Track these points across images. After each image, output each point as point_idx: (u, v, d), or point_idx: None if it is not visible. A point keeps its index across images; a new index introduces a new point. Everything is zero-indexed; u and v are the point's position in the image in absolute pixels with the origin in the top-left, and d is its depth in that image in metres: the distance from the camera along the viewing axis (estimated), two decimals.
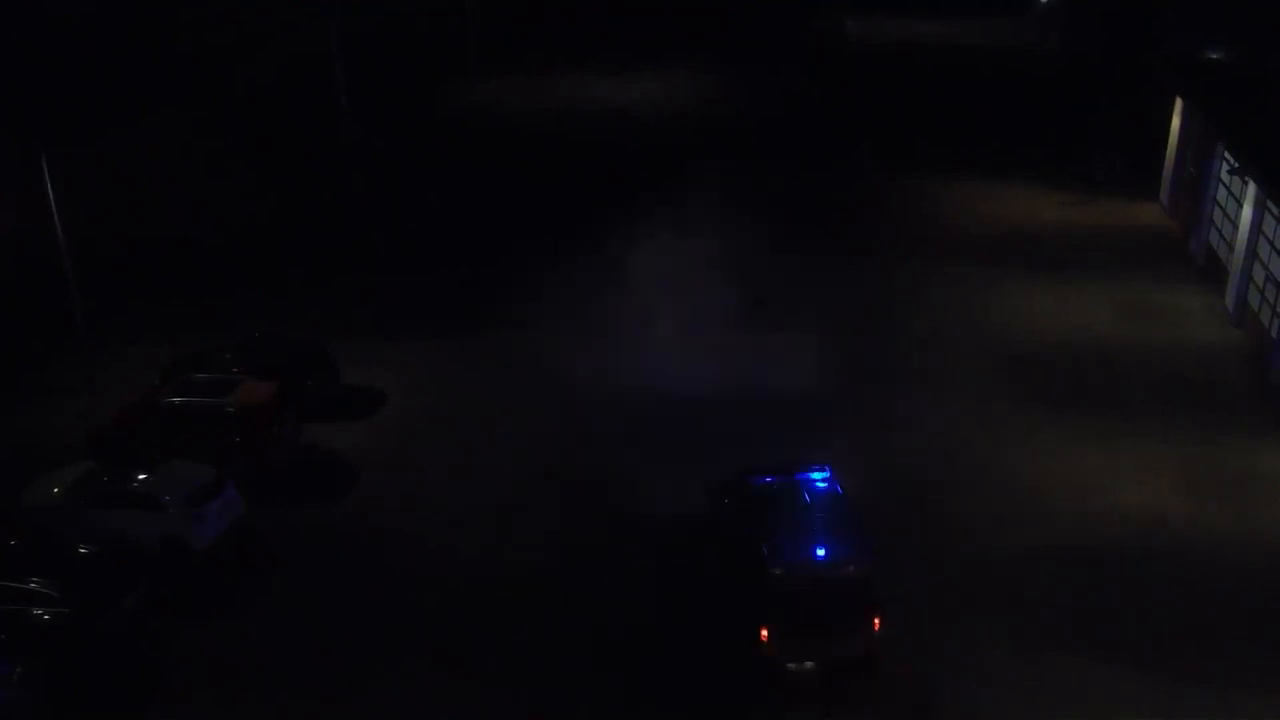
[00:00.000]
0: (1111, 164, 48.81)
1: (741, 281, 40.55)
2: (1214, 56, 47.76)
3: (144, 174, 49.51)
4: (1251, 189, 36.89)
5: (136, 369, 35.20)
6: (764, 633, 23.03)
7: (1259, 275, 36.44)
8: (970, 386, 34.35)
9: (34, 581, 24.72)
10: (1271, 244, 35.73)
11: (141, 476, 27.96)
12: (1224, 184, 40.06)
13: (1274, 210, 35.74)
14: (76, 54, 55.53)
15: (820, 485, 25.37)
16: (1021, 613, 25.50)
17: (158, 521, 27.28)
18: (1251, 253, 36.93)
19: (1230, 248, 38.82)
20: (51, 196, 32.42)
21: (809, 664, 23.36)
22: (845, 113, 56.46)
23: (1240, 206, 37.95)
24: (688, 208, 46.31)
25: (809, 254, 42.69)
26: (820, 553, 23.07)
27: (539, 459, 31.41)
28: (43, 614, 24.51)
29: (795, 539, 23.42)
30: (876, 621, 23.19)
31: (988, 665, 23.97)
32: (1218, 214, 40.66)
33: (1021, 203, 46.91)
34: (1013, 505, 29.16)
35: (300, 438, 31.89)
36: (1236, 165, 37.86)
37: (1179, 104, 45.20)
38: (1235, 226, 38.46)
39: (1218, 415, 32.70)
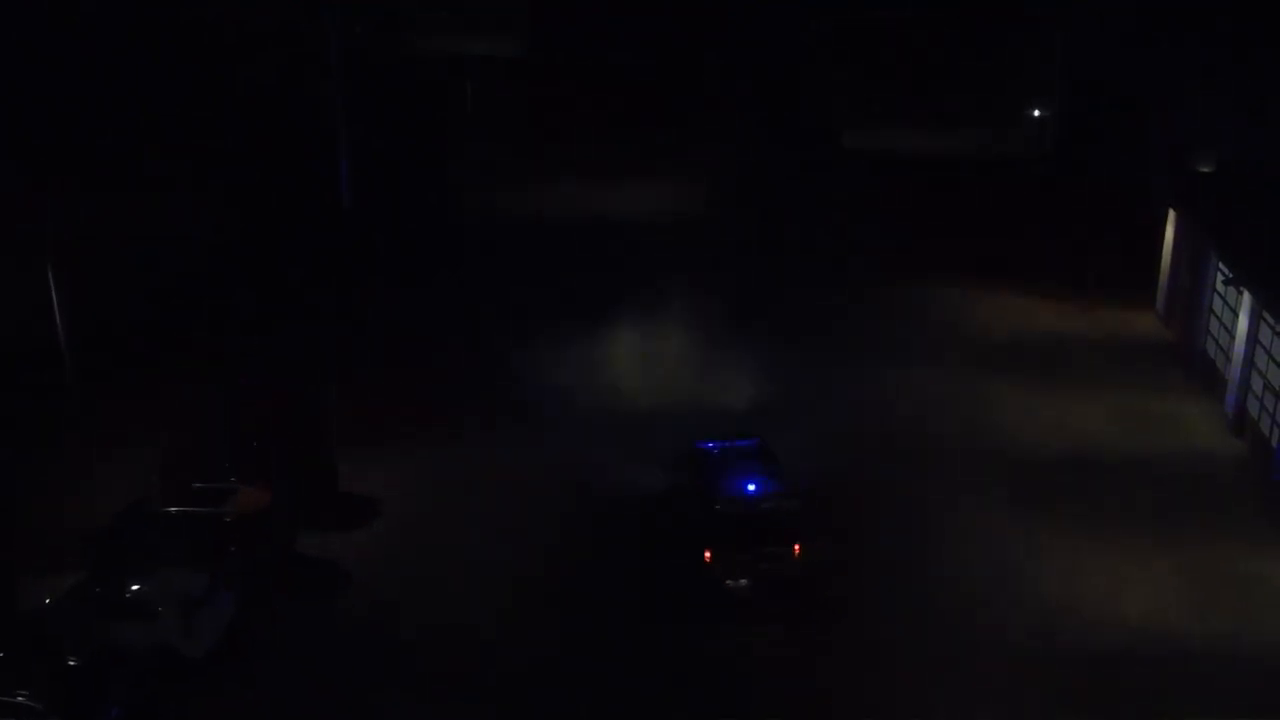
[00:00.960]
0: (1105, 272, 49.22)
1: (729, 388, 40.43)
2: (1205, 169, 48.50)
3: (137, 252, 49.45)
4: (1246, 299, 37.15)
5: (132, 463, 34.75)
6: (707, 554, 28.90)
7: (1256, 384, 36.53)
8: (966, 491, 34.18)
9: (21, 695, 24.29)
10: (1269, 353, 35.89)
11: (135, 585, 27.64)
12: (1219, 294, 40.36)
13: (1269, 320, 35.96)
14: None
15: (755, 448, 31.70)
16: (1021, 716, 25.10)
17: (151, 631, 26.90)
18: (1249, 361, 37.06)
19: (1227, 356, 38.98)
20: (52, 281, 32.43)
21: (743, 581, 29.01)
22: (840, 222, 56.99)
23: (1236, 316, 38.19)
24: (677, 319, 45.97)
25: (800, 361, 42.55)
26: (751, 488, 29.54)
27: (539, 566, 31.16)
28: None
29: (733, 482, 29.80)
30: (797, 548, 29.07)
31: None
32: (1213, 323, 40.89)
33: (1015, 309, 47.18)
34: (1009, 611, 28.92)
35: (296, 543, 31.63)
36: (1231, 276, 38.24)
37: (1172, 214, 45.71)
38: (1231, 335, 38.66)
39: (1220, 523, 32.54)
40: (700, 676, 27.23)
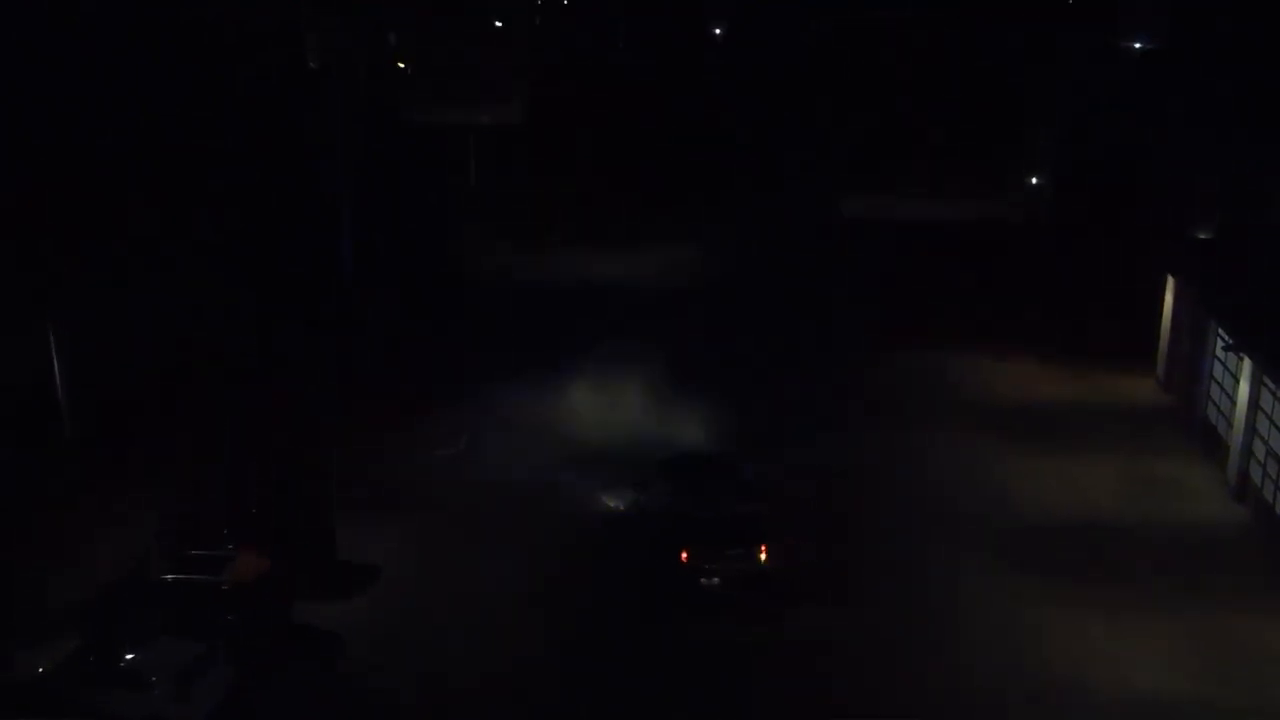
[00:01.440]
0: (1105, 337, 49.29)
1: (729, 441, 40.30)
2: (1204, 235, 48.74)
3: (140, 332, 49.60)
4: (1247, 365, 37.16)
5: (127, 530, 34.48)
6: (684, 555, 31.92)
7: (1259, 450, 36.42)
8: (969, 557, 33.95)
9: None
10: (1270, 419, 35.82)
11: (129, 655, 27.32)
12: (1219, 359, 40.37)
13: (1270, 386, 35.94)
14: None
15: (722, 459, 35.89)
16: None
17: (145, 702, 26.55)
18: (1250, 428, 36.97)
19: (1229, 423, 38.90)
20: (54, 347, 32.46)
21: (715, 579, 31.69)
22: (840, 289, 57.13)
23: (1236, 381, 38.17)
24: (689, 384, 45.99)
25: (797, 425, 42.36)
26: (722, 499, 33.29)
27: (541, 639, 30.88)
28: None
29: (706, 492, 33.61)
30: (764, 548, 31.97)
31: None
32: (1214, 388, 40.86)
33: (1016, 375, 47.17)
34: (1014, 681, 28.54)
35: (293, 612, 31.31)
36: (1231, 342, 38.27)
37: (1170, 280, 45.85)
38: (1232, 401, 38.61)
39: (1226, 591, 32.28)
40: (699, 674, 28.61)
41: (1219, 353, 40.26)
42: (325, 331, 50.35)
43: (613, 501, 36.53)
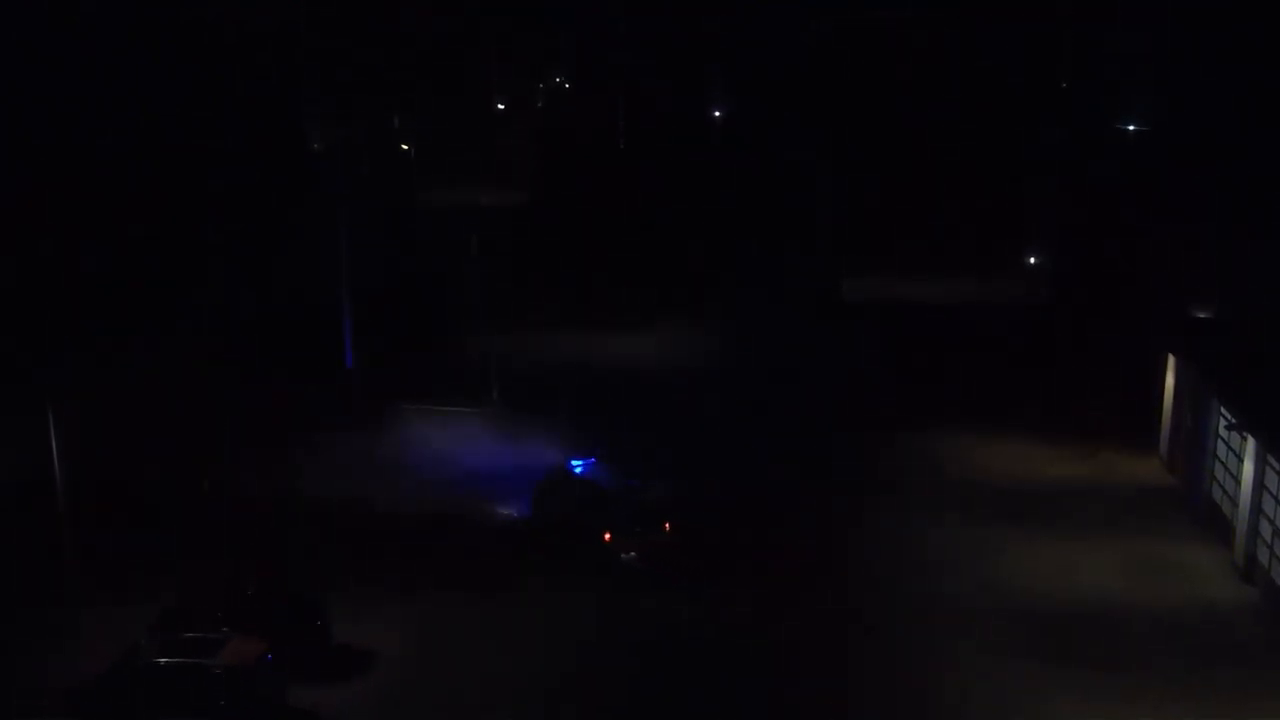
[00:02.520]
0: (1106, 417, 49.11)
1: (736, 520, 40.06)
2: (1203, 315, 48.78)
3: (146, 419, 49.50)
4: (1251, 444, 36.94)
5: (121, 621, 34.09)
6: (606, 535, 37.67)
7: (1266, 531, 36.07)
8: (974, 644, 33.40)
9: None
10: (1276, 499, 35.52)
11: None
12: (1223, 439, 40.15)
13: (1275, 465, 35.69)
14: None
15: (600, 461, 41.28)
16: None
17: None
18: (1256, 508, 36.65)
19: (1234, 503, 38.58)
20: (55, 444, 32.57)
21: (632, 554, 37.55)
22: (838, 370, 56.99)
23: (1241, 461, 37.92)
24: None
25: (797, 507, 42.20)
26: (631, 485, 39.91)
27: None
28: None
29: (618, 481, 40.06)
30: (667, 525, 38.49)
31: None
32: (1218, 469, 40.58)
33: (1018, 455, 46.81)
34: None
35: (287, 696, 30.79)
36: (1234, 421, 38.09)
37: (1171, 359, 45.75)
38: (1237, 481, 38.32)
39: (1238, 675, 31.70)
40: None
41: (1222, 432, 40.06)
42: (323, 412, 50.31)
43: (507, 511, 41.62)
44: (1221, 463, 40.36)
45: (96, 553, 37.45)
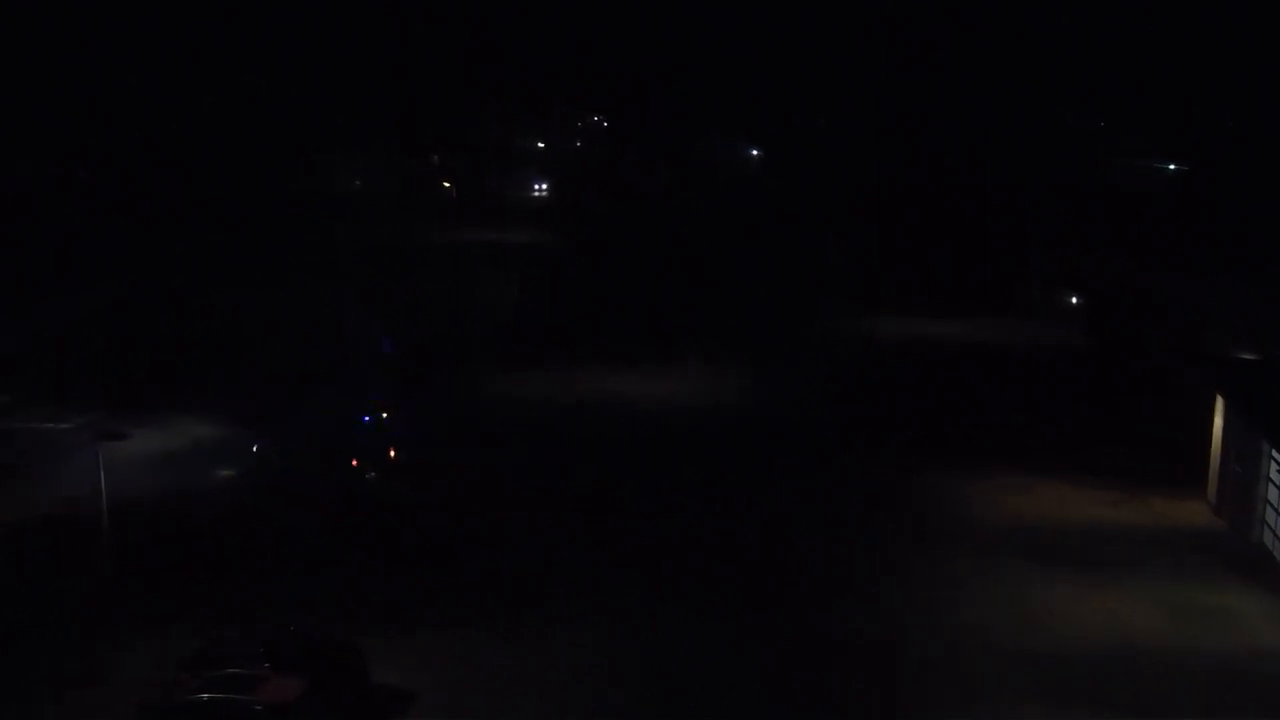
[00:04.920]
0: (1150, 459, 48.45)
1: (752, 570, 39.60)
2: (1248, 356, 48.12)
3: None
4: None
5: (154, 658, 33.89)
6: (354, 461, 46.86)
7: None
8: (1014, 692, 32.70)
9: None
10: None
11: None
12: (1274, 483, 39.50)
13: None
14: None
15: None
16: None
17: None
18: None
19: None
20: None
21: (372, 473, 46.64)
22: (870, 409, 56.54)
23: None
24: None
25: (827, 549, 41.58)
26: (365, 419, 49.82)
27: None
28: None
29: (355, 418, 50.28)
30: (392, 451, 47.89)
31: None
32: (1270, 513, 39.90)
33: (1061, 498, 46.09)
34: None
35: None
36: None
37: (1219, 402, 45.12)
38: None
39: None
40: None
41: (1273, 476, 39.40)
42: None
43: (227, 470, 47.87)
44: (1272, 507, 39.68)
45: (140, 576, 37.44)
